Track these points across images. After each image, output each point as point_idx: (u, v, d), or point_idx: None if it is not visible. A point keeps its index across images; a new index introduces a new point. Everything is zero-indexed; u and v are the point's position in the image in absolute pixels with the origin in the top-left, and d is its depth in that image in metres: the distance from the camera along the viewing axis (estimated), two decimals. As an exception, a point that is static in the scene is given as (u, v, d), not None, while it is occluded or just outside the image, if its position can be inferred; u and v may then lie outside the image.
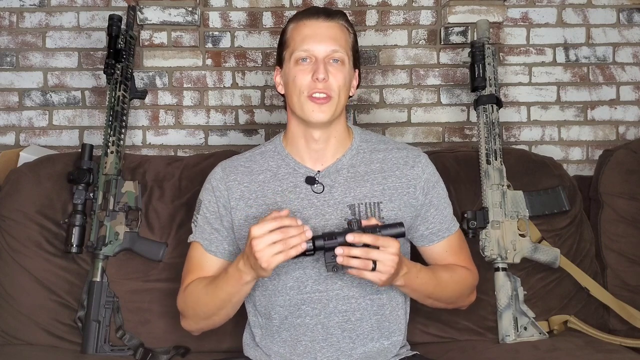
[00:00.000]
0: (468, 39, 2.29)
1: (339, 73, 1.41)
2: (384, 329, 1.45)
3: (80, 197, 1.77)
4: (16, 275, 1.76)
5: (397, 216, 1.45)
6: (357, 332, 1.42)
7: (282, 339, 1.44)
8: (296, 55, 1.42)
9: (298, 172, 1.47)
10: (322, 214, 1.43)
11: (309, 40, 1.41)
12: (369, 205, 1.44)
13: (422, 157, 1.51)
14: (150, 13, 2.23)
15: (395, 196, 1.46)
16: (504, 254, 1.78)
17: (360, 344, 1.42)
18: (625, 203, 1.91)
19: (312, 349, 1.42)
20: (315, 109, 1.40)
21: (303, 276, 1.41)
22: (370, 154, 1.50)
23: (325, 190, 1.45)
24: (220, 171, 1.51)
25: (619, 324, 1.85)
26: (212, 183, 1.50)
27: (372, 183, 1.46)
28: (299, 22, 1.45)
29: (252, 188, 1.47)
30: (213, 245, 1.50)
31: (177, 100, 2.30)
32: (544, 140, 2.34)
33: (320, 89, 1.39)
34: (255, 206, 1.46)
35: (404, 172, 1.48)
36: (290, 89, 1.43)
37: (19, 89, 2.29)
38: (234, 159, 1.54)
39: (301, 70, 1.41)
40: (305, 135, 1.46)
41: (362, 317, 1.42)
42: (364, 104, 2.32)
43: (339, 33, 1.43)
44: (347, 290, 1.41)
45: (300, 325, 1.42)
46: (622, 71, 2.35)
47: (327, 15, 1.44)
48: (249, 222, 1.44)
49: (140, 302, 1.76)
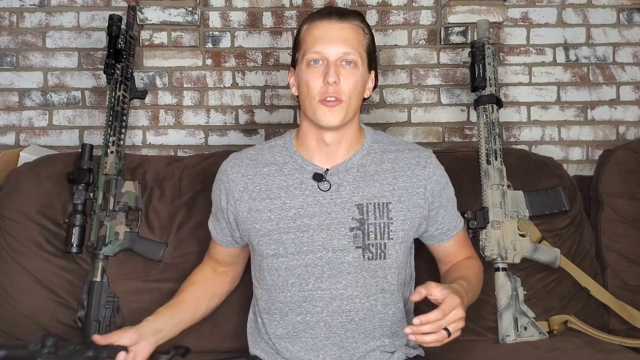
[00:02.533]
0: (468, 39, 2.29)
1: (351, 76, 1.39)
2: (386, 328, 1.45)
3: (80, 197, 1.77)
4: (16, 275, 1.76)
5: (406, 217, 1.45)
6: (359, 331, 1.42)
7: (285, 333, 1.44)
8: (308, 57, 1.40)
9: (305, 169, 1.46)
10: (327, 212, 1.42)
11: (320, 42, 1.39)
12: (378, 205, 1.43)
13: (433, 158, 1.51)
14: (150, 13, 2.23)
15: (405, 196, 1.45)
16: (504, 254, 1.78)
17: (362, 342, 1.42)
18: (625, 203, 1.91)
19: (314, 347, 1.42)
20: (327, 112, 1.38)
21: (305, 273, 1.41)
22: (382, 154, 1.49)
23: (332, 189, 1.44)
24: (226, 163, 1.52)
25: (619, 324, 1.85)
26: (219, 175, 1.53)
27: (382, 183, 1.45)
28: (311, 23, 1.43)
29: (255, 180, 1.47)
30: (214, 231, 1.57)
31: (177, 100, 2.30)
32: (544, 140, 2.34)
33: (331, 93, 1.37)
34: (259, 199, 1.45)
35: (415, 172, 1.47)
36: (303, 92, 1.42)
37: (19, 89, 2.29)
38: (243, 151, 1.55)
39: (313, 73, 1.39)
40: (317, 138, 1.45)
41: (366, 317, 1.42)
42: (364, 104, 2.29)
43: (351, 34, 1.41)
44: (351, 290, 1.41)
45: (300, 323, 1.42)
46: (622, 71, 2.35)
47: (340, 16, 1.41)
48: (252, 215, 1.45)
49: (140, 302, 1.76)
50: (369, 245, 1.41)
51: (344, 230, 1.41)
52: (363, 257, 1.41)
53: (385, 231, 1.42)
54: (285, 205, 1.43)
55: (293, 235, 1.42)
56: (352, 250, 1.41)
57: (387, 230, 1.42)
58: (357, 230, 1.41)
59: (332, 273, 1.40)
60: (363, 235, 1.41)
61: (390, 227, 1.42)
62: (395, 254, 1.43)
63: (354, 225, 1.42)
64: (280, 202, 1.44)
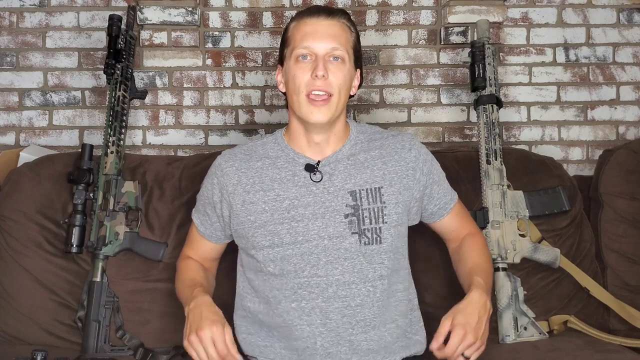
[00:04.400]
0: (468, 39, 2.29)
1: (339, 71, 1.42)
2: (384, 317, 1.44)
3: (80, 197, 1.78)
4: (16, 275, 1.76)
5: (398, 200, 1.47)
6: (357, 318, 1.42)
7: (280, 322, 1.44)
8: (296, 53, 1.42)
9: (297, 161, 1.48)
10: (321, 201, 1.44)
11: (309, 37, 1.42)
12: (370, 191, 1.45)
13: (415, 140, 1.54)
14: (150, 13, 2.24)
15: (396, 180, 1.48)
16: (504, 254, 1.78)
17: (360, 330, 1.42)
18: (625, 203, 1.91)
19: (311, 334, 1.41)
20: (314, 111, 1.41)
21: (301, 262, 1.42)
22: (369, 143, 1.52)
23: (324, 179, 1.46)
24: (219, 158, 1.54)
25: (619, 324, 1.85)
26: (212, 169, 1.54)
27: (372, 169, 1.48)
28: (300, 20, 1.46)
29: (249, 174, 1.49)
30: (202, 227, 1.58)
31: (177, 100, 2.30)
32: (544, 140, 2.34)
33: (320, 87, 1.40)
34: (253, 192, 1.47)
35: (402, 156, 1.50)
36: (290, 87, 1.44)
37: (19, 89, 2.29)
38: (235, 147, 1.57)
39: (301, 68, 1.42)
40: (306, 134, 1.48)
41: (363, 303, 1.42)
42: (364, 104, 2.32)
43: (339, 31, 1.44)
44: (349, 276, 1.41)
45: (295, 310, 1.42)
46: (622, 71, 2.35)
47: (328, 14, 1.45)
48: (246, 207, 1.46)
49: (140, 302, 1.76)
50: (365, 230, 1.43)
51: (339, 218, 1.43)
52: (360, 243, 1.42)
53: (379, 215, 1.44)
54: (279, 197, 1.45)
55: (288, 226, 1.43)
56: (348, 236, 1.42)
57: (381, 214, 1.44)
58: (352, 217, 1.43)
59: (329, 260, 1.41)
60: (358, 221, 1.43)
61: (384, 210, 1.45)
62: (391, 237, 1.45)
63: (349, 212, 1.43)
64: (274, 194, 1.46)
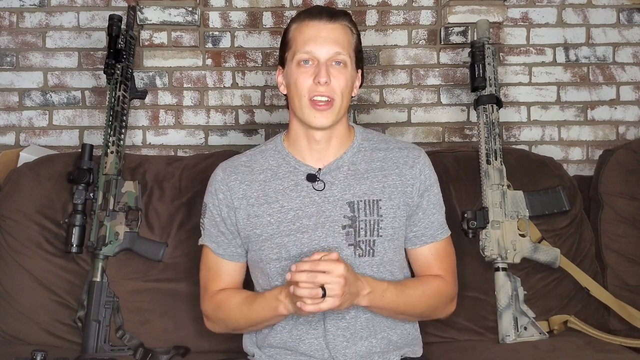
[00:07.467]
0: (468, 39, 2.28)
1: (341, 76, 1.41)
2: (373, 328, 1.43)
3: (80, 197, 1.77)
4: (16, 275, 1.76)
5: (396, 214, 1.45)
6: (350, 330, 1.41)
7: (283, 324, 1.43)
8: (298, 57, 1.41)
9: (299, 170, 1.47)
10: (322, 210, 1.43)
11: (311, 42, 1.40)
12: (368, 202, 1.44)
13: (421, 157, 1.51)
14: (150, 13, 2.23)
15: (395, 194, 1.46)
16: (504, 254, 1.78)
17: (352, 342, 1.41)
18: (625, 203, 1.91)
19: (319, 346, 1.41)
20: (318, 116, 1.40)
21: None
22: (372, 153, 1.50)
23: (326, 187, 1.45)
24: (220, 172, 1.51)
25: (619, 324, 1.85)
26: (215, 185, 1.50)
27: (372, 181, 1.46)
28: (301, 22, 1.44)
29: (253, 187, 1.47)
30: (221, 248, 1.51)
31: (177, 100, 2.30)
32: (544, 140, 2.34)
33: (322, 92, 1.39)
34: (257, 205, 1.46)
35: (403, 172, 1.47)
36: (292, 91, 1.43)
37: (19, 89, 2.29)
38: (234, 159, 1.54)
39: (303, 73, 1.40)
40: (307, 136, 1.46)
41: (356, 315, 1.41)
42: (364, 104, 2.32)
43: (341, 35, 1.42)
44: None
45: (302, 324, 1.42)
46: (622, 71, 2.35)
47: (330, 17, 1.42)
48: (251, 221, 1.45)
49: (140, 302, 1.76)
50: (359, 242, 1.42)
51: (337, 229, 1.42)
52: (354, 255, 1.42)
53: (375, 228, 1.43)
54: (283, 208, 1.44)
55: (294, 238, 1.42)
56: (344, 248, 1.42)
57: (377, 227, 1.43)
58: (349, 228, 1.42)
59: None
60: (354, 233, 1.42)
61: (380, 224, 1.43)
62: (384, 251, 1.43)
63: (346, 223, 1.42)
64: (279, 205, 1.44)
